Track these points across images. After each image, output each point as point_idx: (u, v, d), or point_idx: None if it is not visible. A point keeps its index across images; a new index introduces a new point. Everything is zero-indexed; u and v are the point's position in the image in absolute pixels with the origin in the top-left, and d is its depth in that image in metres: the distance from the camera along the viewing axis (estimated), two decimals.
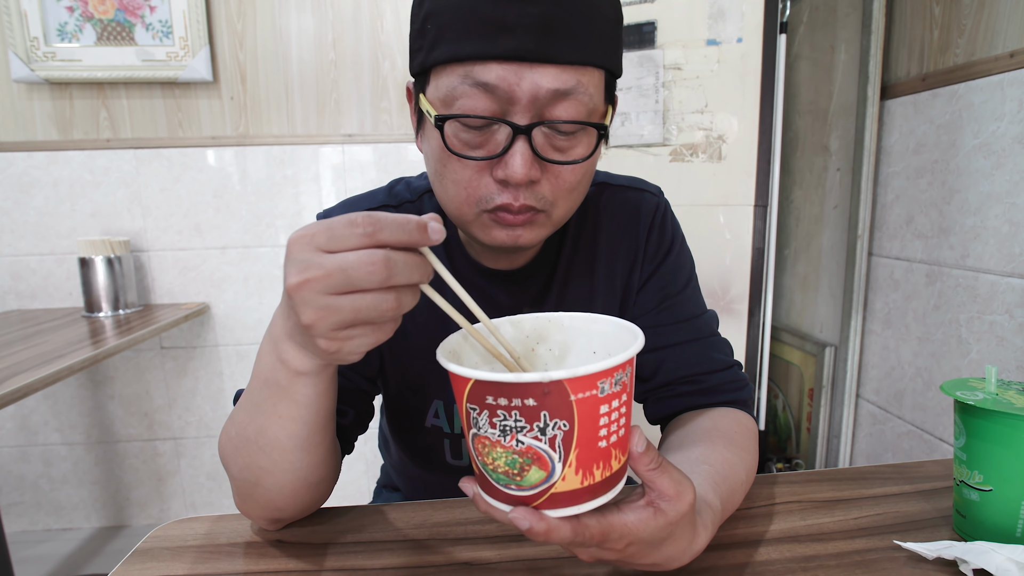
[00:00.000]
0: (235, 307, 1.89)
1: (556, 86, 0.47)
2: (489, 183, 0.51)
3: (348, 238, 0.34)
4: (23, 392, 0.98)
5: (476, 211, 0.52)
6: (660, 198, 0.69)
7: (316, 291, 0.34)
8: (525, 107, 0.48)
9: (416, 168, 1.86)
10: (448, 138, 0.50)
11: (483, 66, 0.47)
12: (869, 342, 1.65)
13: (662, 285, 0.67)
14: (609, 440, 0.35)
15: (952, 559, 0.45)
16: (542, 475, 0.34)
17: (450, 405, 0.68)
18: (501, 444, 0.34)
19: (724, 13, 1.56)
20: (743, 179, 1.62)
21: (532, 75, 0.47)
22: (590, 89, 0.49)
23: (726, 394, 0.64)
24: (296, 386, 0.43)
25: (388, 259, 0.34)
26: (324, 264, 0.34)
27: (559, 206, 0.53)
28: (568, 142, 0.51)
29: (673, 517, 0.38)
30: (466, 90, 0.47)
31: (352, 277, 0.34)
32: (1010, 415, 0.45)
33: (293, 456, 0.48)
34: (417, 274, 0.35)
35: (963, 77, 1.30)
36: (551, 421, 0.33)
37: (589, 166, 0.54)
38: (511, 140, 0.48)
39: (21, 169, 1.75)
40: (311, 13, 1.78)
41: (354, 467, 1.99)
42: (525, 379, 0.32)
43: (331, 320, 0.35)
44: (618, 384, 0.34)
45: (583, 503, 0.35)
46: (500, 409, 0.33)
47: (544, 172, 0.51)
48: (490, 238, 0.54)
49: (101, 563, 1.77)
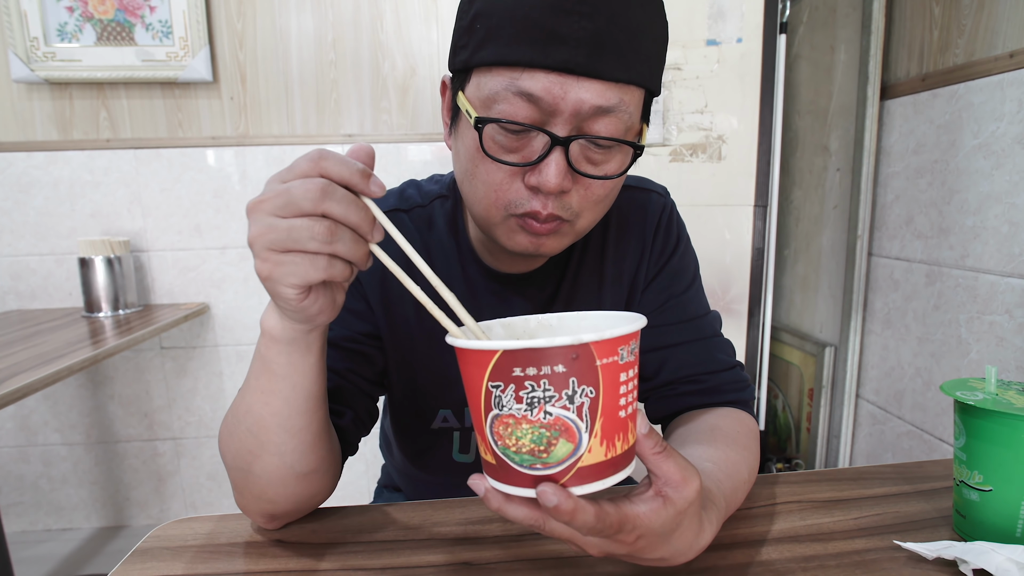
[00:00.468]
0: (235, 307, 1.89)
1: (600, 103, 0.47)
2: (520, 188, 0.51)
3: (299, 166, 0.38)
4: (23, 392, 0.98)
5: (503, 215, 0.53)
6: (667, 199, 0.70)
7: (263, 211, 0.38)
8: (566, 120, 0.48)
9: (415, 168, 1.86)
10: (485, 140, 0.50)
11: (530, 74, 0.47)
12: (869, 342, 1.65)
13: (666, 285, 0.67)
14: (627, 411, 0.36)
15: (952, 559, 0.45)
16: (569, 448, 0.34)
17: (460, 410, 0.68)
18: (528, 419, 0.34)
19: (724, 13, 1.56)
20: (743, 179, 1.62)
21: (578, 89, 0.47)
22: (630, 108, 0.49)
23: (728, 394, 0.64)
24: (271, 353, 0.45)
25: (325, 186, 0.37)
26: (276, 187, 0.38)
27: (584, 217, 0.54)
28: (603, 156, 0.51)
29: (681, 505, 0.38)
30: (509, 96, 0.47)
31: (292, 197, 0.37)
32: (1010, 415, 0.45)
33: (277, 437, 0.48)
34: (353, 213, 0.38)
35: (963, 77, 1.31)
36: (579, 388, 0.33)
37: (618, 181, 0.54)
38: (548, 150, 0.49)
39: (21, 169, 1.75)
40: (311, 13, 1.78)
41: (354, 467, 1.99)
42: (556, 343, 0.32)
43: (267, 238, 0.38)
44: (632, 353, 0.36)
45: (606, 477, 0.36)
46: (528, 380, 0.33)
47: (575, 184, 0.51)
48: (513, 243, 0.54)
49: (101, 563, 1.77)
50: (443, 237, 0.65)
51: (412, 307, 0.63)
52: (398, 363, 0.66)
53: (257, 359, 0.47)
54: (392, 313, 0.63)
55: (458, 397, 0.67)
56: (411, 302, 0.63)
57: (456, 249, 0.65)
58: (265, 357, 0.46)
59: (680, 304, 0.67)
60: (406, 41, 1.81)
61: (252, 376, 0.48)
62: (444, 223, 0.65)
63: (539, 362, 0.33)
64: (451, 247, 0.65)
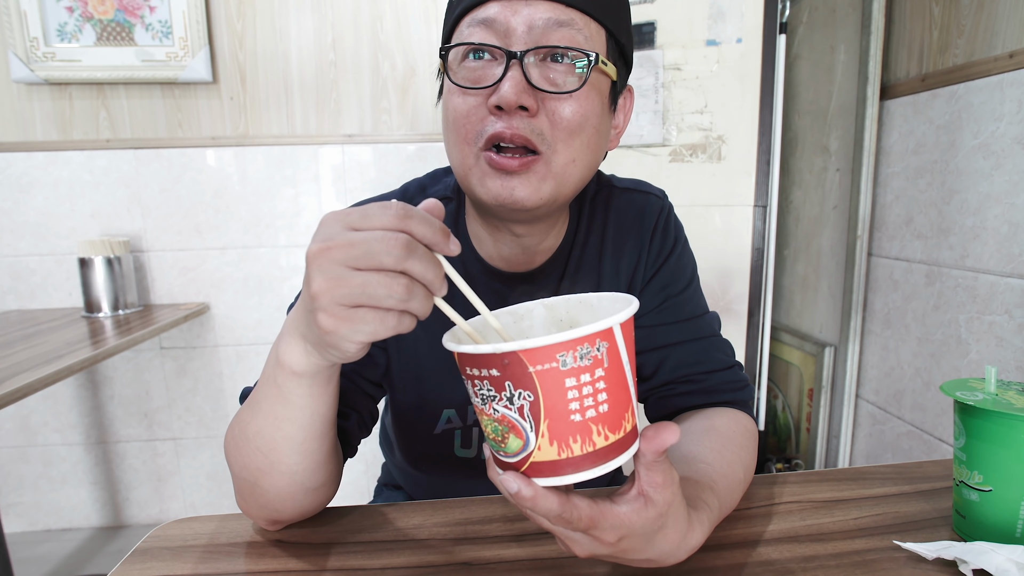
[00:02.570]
0: (235, 307, 1.89)
1: (549, 15, 0.51)
2: (485, 114, 0.53)
3: (379, 217, 0.36)
4: (23, 392, 0.98)
5: (475, 151, 0.54)
6: (664, 201, 0.71)
7: (333, 260, 0.35)
8: (521, 36, 0.51)
9: (414, 168, 1.86)
10: (451, 71, 0.54)
11: (485, 6, 0.52)
12: (869, 342, 1.65)
13: (664, 284, 0.68)
14: (585, 415, 0.35)
15: (952, 559, 0.45)
16: (519, 443, 0.36)
17: (463, 409, 0.69)
18: (484, 412, 0.37)
19: (724, 13, 1.56)
20: (743, 179, 1.62)
21: (528, 8, 0.51)
22: (586, 31, 0.52)
23: (726, 394, 0.64)
24: (291, 386, 0.44)
25: (410, 242, 0.35)
26: (349, 236, 0.35)
27: (559, 151, 0.53)
28: (563, 76, 0.52)
29: (662, 506, 0.38)
30: (471, 31, 0.53)
31: (372, 249, 0.34)
32: (1010, 415, 0.45)
33: (289, 459, 0.48)
34: (431, 272, 0.36)
35: (962, 77, 1.31)
36: (515, 391, 0.35)
37: (591, 112, 0.54)
38: (505, 68, 0.51)
39: (21, 169, 1.75)
40: (311, 13, 1.78)
41: (354, 467, 1.99)
42: (481, 350, 0.34)
43: (338, 292, 0.35)
44: (586, 358, 0.34)
45: (565, 475, 0.36)
46: (477, 379, 0.36)
47: (541, 104, 0.52)
48: (486, 190, 0.54)
49: (101, 563, 1.77)
50: None
51: None
52: (404, 363, 0.66)
53: (271, 387, 0.45)
54: None
55: (461, 396, 0.67)
56: None
57: None
58: (283, 388, 0.44)
59: (678, 304, 0.67)
60: (406, 41, 1.81)
61: (265, 401, 0.46)
62: (448, 223, 0.65)
63: (478, 365, 0.35)
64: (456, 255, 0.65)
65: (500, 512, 0.57)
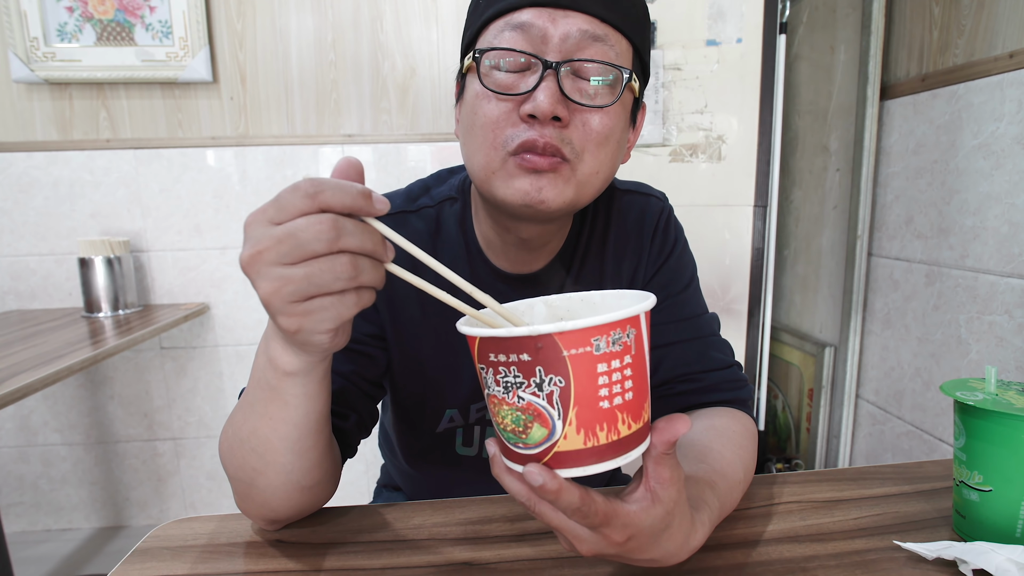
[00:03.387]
0: (235, 307, 1.89)
1: (587, 28, 0.51)
2: (516, 121, 0.53)
3: (293, 203, 0.34)
4: (23, 392, 0.98)
5: (502, 155, 0.53)
6: (665, 203, 0.71)
7: (267, 262, 0.34)
8: (556, 46, 0.51)
9: (414, 170, 1.86)
10: (483, 75, 0.53)
11: (520, 11, 0.52)
12: (869, 342, 1.65)
13: (664, 284, 0.68)
14: (612, 402, 0.35)
15: (952, 559, 0.45)
16: (544, 432, 0.35)
17: (466, 408, 0.69)
18: (506, 401, 0.36)
19: (724, 13, 1.56)
20: (743, 179, 1.62)
21: (564, 19, 0.51)
22: (617, 47, 0.53)
23: (724, 393, 0.64)
24: (284, 386, 0.44)
25: (336, 220, 0.34)
26: (273, 233, 0.34)
27: (585, 160, 0.54)
28: (595, 89, 0.53)
29: (669, 504, 0.39)
30: (504, 34, 0.52)
31: (301, 240, 0.34)
32: (1010, 415, 0.45)
33: (284, 458, 0.48)
34: (368, 241, 0.35)
35: (962, 78, 1.31)
36: (546, 377, 0.34)
37: (617, 126, 0.55)
38: (540, 77, 0.51)
39: (21, 169, 1.75)
40: (311, 13, 1.78)
41: (354, 467, 1.99)
42: (515, 333, 0.33)
43: (286, 291, 0.34)
44: (617, 344, 0.34)
45: (588, 465, 0.35)
46: (501, 366, 0.35)
47: (572, 115, 0.52)
48: (512, 190, 0.53)
49: (101, 563, 1.77)
50: (451, 237, 0.65)
51: (418, 306, 0.63)
52: (405, 362, 0.66)
53: (263, 387, 0.45)
54: (398, 313, 0.63)
55: (465, 395, 0.67)
56: (417, 301, 0.63)
57: (464, 249, 0.65)
58: (277, 388, 0.44)
59: (677, 303, 0.67)
60: (406, 41, 1.81)
61: (258, 402, 0.46)
62: (453, 224, 0.65)
63: (507, 350, 0.34)
64: (459, 247, 0.65)
65: (500, 512, 0.57)
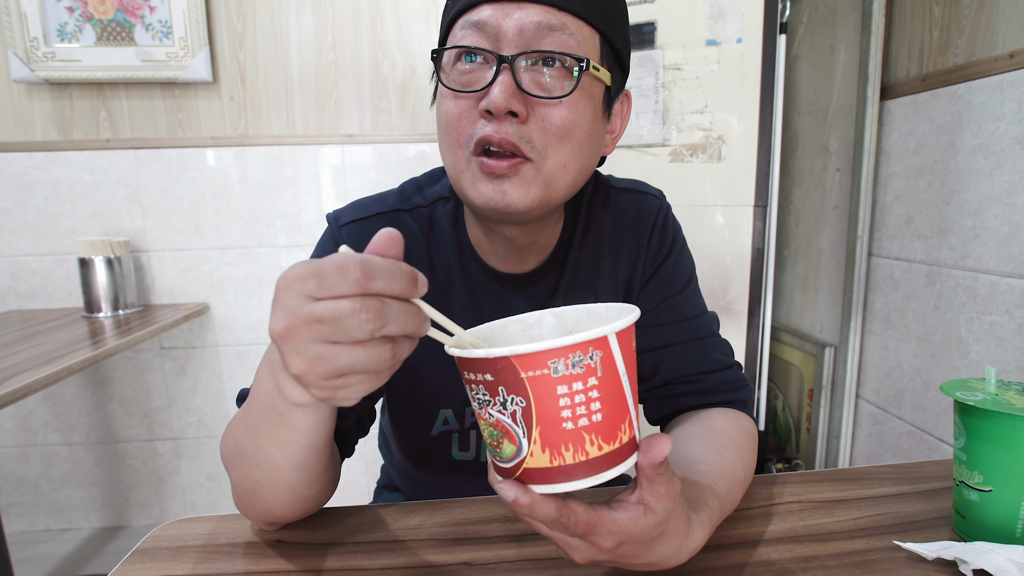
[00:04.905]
0: (235, 307, 1.89)
1: (540, 19, 0.51)
2: (475, 118, 0.53)
3: (339, 285, 0.32)
4: (23, 392, 0.98)
5: (466, 155, 0.54)
6: (662, 201, 0.70)
7: (305, 339, 0.32)
8: (511, 40, 0.51)
9: (414, 168, 1.86)
10: (443, 75, 0.54)
11: (477, 8, 0.52)
12: (869, 342, 1.65)
13: (662, 285, 0.68)
14: (577, 423, 0.35)
15: (952, 559, 0.45)
16: (513, 449, 0.36)
17: (460, 411, 0.68)
18: (481, 416, 0.37)
19: (724, 13, 1.56)
20: (743, 179, 1.62)
21: (519, 12, 0.51)
22: (578, 36, 0.52)
23: (725, 394, 0.64)
24: (294, 415, 0.42)
25: (382, 309, 0.32)
26: (313, 311, 0.32)
27: (549, 156, 0.53)
28: (553, 81, 0.52)
29: (663, 515, 0.38)
30: (463, 33, 0.53)
31: (345, 327, 0.32)
32: (1010, 416, 0.45)
33: (290, 476, 0.48)
34: (412, 324, 0.34)
35: (963, 78, 1.30)
36: (508, 396, 0.35)
37: (582, 118, 0.54)
38: (496, 72, 0.51)
39: (21, 169, 1.75)
40: (311, 13, 1.78)
41: (354, 467, 1.99)
42: (475, 355, 0.35)
43: (322, 370, 0.33)
44: (578, 367, 0.34)
45: (557, 483, 0.36)
46: (473, 383, 0.36)
47: (530, 111, 0.52)
48: (478, 194, 0.54)
49: (101, 563, 1.77)
50: (444, 237, 0.65)
51: None
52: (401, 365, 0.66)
53: (269, 411, 0.43)
54: None
55: (459, 398, 0.67)
56: None
57: (457, 249, 0.65)
58: (285, 416, 0.42)
59: (676, 304, 0.67)
60: (406, 41, 1.81)
61: (264, 423, 0.44)
62: (446, 223, 0.65)
63: (473, 369, 0.36)
64: (452, 247, 0.65)
65: (500, 512, 0.57)
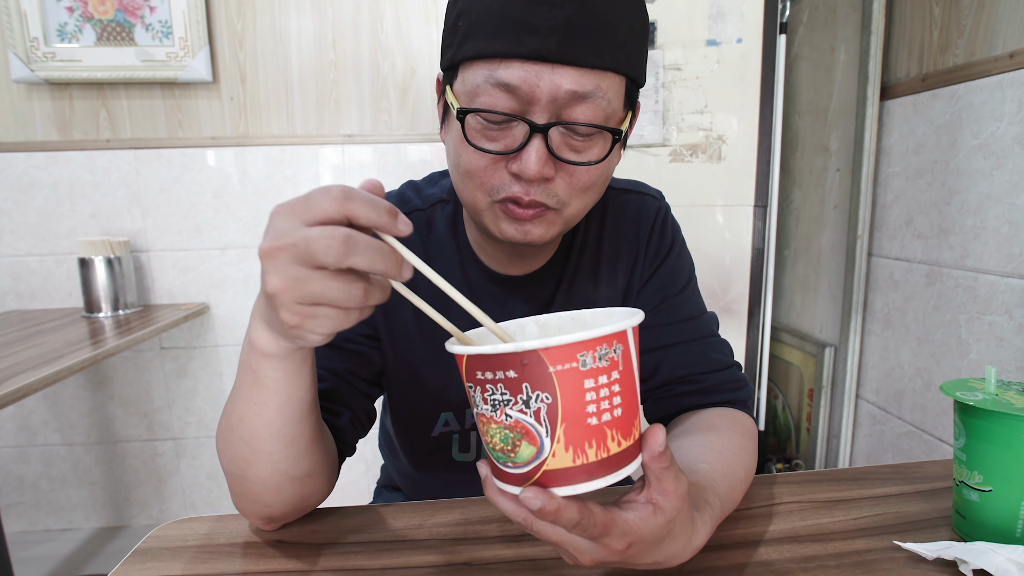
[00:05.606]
0: (235, 307, 1.89)
1: (575, 88, 0.48)
2: (503, 175, 0.52)
3: (320, 204, 0.35)
4: (23, 392, 0.98)
5: (488, 200, 0.53)
6: (661, 202, 0.71)
7: (285, 260, 0.35)
8: (544, 107, 0.49)
9: (414, 168, 1.86)
10: (468, 130, 0.51)
11: (507, 65, 0.48)
12: (869, 342, 1.65)
13: (662, 285, 0.68)
14: (601, 418, 0.35)
15: (952, 559, 0.45)
16: (532, 451, 0.35)
17: (461, 413, 0.68)
18: (494, 420, 0.35)
19: (724, 13, 1.56)
20: (743, 179, 1.62)
21: (552, 76, 0.48)
22: (609, 94, 0.50)
23: (724, 394, 0.64)
24: (264, 369, 0.44)
25: (349, 237, 0.34)
26: (293, 234, 0.34)
27: (572, 204, 0.54)
28: (584, 143, 0.52)
29: (671, 514, 0.38)
30: (489, 88, 0.49)
31: (312, 250, 0.34)
32: (1010, 416, 0.45)
33: (269, 446, 0.48)
34: (380, 262, 0.35)
35: (963, 78, 1.30)
36: (533, 393, 0.34)
37: (606, 168, 0.54)
38: (528, 137, 0.50)
39: (21, 169, 1.75)
40: (311, 13, 1.78)
41: (354, 467, 1.99)
42: (501, 350, 0.33)
43: (296, 293, 0.35)
44: (604, 359, 0.34)
45: (578, 483, 0.35)
46: (488, 383, 0.34)
47: (559, 171, 0.52)
48: (499, 230, 0.55)
49: (101, 563, 1.77)
50: (443, 240, 0.65)
51: (410, 310, 0.63)
52: (399, 365, 0.66)
53: (247, 372, 0.45)
54: (391, 315, 0.63)
55: (459, 398, 0.67)
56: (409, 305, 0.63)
57: (456, 251, 0.65)
58: (257, 372, 0.44)
59: (675, 305, 0.67)
60: (406, 41, 1.81)
61: (243, 388, 0.46)
62: (444, 226, 0.65)
63: (493, 367, 0.34)
64: (451, 249, 0.65)
65: (500, 513, 0.56)
